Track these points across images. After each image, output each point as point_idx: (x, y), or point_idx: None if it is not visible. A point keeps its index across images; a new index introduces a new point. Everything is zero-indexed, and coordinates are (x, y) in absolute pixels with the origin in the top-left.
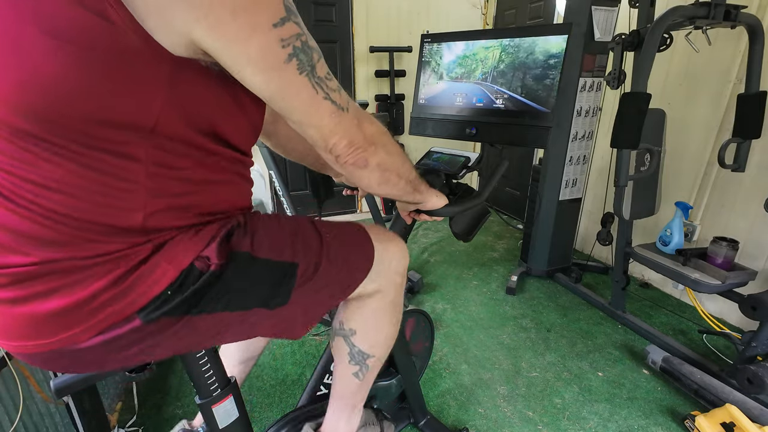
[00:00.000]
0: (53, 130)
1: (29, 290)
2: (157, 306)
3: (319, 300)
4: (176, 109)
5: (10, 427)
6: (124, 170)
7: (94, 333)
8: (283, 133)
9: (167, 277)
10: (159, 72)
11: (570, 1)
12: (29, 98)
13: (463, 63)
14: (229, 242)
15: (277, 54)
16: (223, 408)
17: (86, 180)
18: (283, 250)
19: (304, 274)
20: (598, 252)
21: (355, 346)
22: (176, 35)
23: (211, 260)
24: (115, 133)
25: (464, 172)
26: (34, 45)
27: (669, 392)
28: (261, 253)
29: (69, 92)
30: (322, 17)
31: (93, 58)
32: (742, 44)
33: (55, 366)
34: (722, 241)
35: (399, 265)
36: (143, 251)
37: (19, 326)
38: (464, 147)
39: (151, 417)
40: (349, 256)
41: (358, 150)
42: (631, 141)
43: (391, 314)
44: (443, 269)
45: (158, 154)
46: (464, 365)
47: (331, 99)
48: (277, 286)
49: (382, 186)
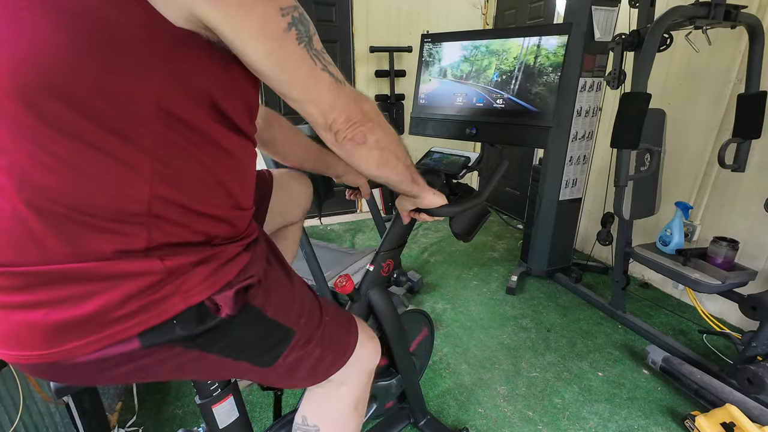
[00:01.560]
0: (57, 105)
1: (40, 296)
2: (160, 333)
3: (299, 374)
4: (177, 83)
5: (10, 427)
6: (130, 153)
7: (93, 349)
8: (279, 137)
9: (176, 309)
10: (158, 45)
11: (570, 1)
12: (29, 72)
13: (464, 63)
14: (246, 294)
15: (278, 23)
16: (223, 408)
17: (92, 160)
18: (288, 314)
19: (296, 344)
20: (598, 252)
21: None
22: (178, 6)
23: (223, 308)
24: (121, 109)
25: (464, 172)
26: (37, 19)
27: (669, 392)
28: (269, 312)
29: (69, 65)
30: (322, 17)
31: (93, 30)
32: (742, 44)
33: (46, 376)
34: (722, 241)
35: (370, 364)
36: (156, 273)
37: (18, 333)
38: (464, 147)
39: (151, 417)
40: (336, 341)
41: (356, 125)
42: (631, 141)
43: (355, 413)
44: (443, 269)
45: (164, 134)
46: (464, 365)
47: (329, 71)
48: (270, 347)
49: (381, 167)
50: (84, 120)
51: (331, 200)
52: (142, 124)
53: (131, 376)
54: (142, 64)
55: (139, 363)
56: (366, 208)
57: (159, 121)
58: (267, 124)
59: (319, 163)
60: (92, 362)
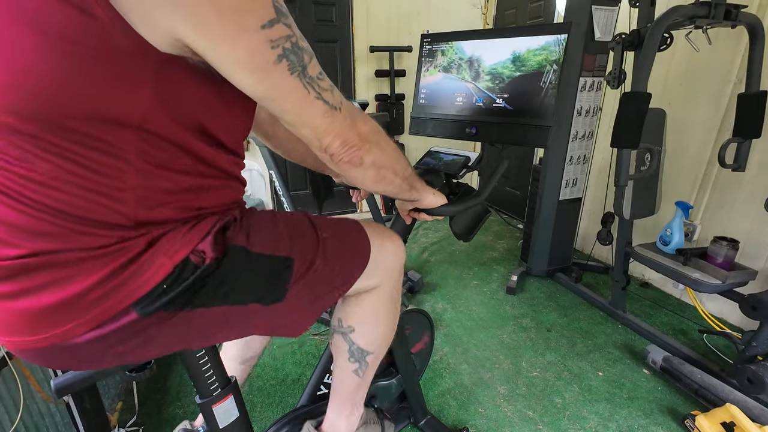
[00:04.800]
0: (41, 127)
1: (23, 284)
2: (153, 299)
3: (315, 297)
4: (163, 106)
5: (10, 426)
6: (114, 168)
7: (89, 327)
8: (282, 134)
9: (163, 271)
10: (145, 69)
11: (570, 1)
12: (15, 96)
13: (464, 62)
14: (225, 236)
15: (266, 55)
16: (223, 408)
17: (76, 176)
18: (278, 245)
19: (299, 270)
20: (598, 252)
21: (354, 343)
22: (161, 33)
23: (207, 254)
24: (103, 130)
25: (464, 171)
26: (19, 42)
27: (669, 392)
28: (257, 247)
29: (54, 89)
30: (322, 17)
31: (78, 54)
32: (743, 44)
33: (53, 363)
34: (722, 240)
35: (395, 262)
36: (138, 245)
37: (14, 321)
38: (464, 147)
39: (151, 417)
40: (344, 253)
41: (352, 149)
42: (631, 141)
43: (388, 311)
44: (443, 269)
45: (147, 152)
46: (464, 365)
47: (323, 99)
48: (273, 281)
49: (378, 183)
50: (68, 141)
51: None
52: (126, 143)
53: (141, 351)
54: (129, 89)
55: (145, 335)
56: (366, 208)
57: (142, 141)
58: (272, 119)
59: (319, 161)
60: (92, 341)
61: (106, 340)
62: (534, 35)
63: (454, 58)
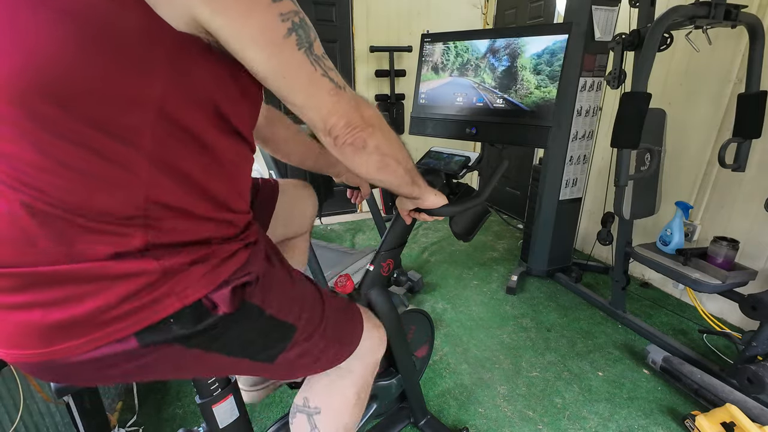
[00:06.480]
0: (56, 111)
1: (35, 297)
2: (157, 331)
3: (300, 366)
4: (179, 87)
5: (10, 426)
6: (128, 157)
7: (89, 348)
8: (280, 135)
9: (172, 307)
10: (160, 49)
11: (570, 1)
12: (29, 77)
13: (463, 62)
14: (244, 291)
15: (277, 28)
16: (223, 408)
17: (91, 164)
18: (289, 311)
19: (298, 340)
20: (598, 252)
21: (316, 428)
22: (178, 11)
23: (220, 306)
24: (121, 114)
25: (464, 172)
26: (33, 21)
27: (669, 392)
28: (271, 309)
29: (69, 69)
30: (322, 17)
31: (93, 33)
32: (743, 44)
33: (45, 375)
34: (722, 240)
35: (376, 354)
36: (152, 274)
37: (15, 333)
38: (464, 147)
39: (151, 417)
40: (340, 334)
41: (356, 130)
42: (631, 141)
43: (357, 401)
44: (443, 269)
45: (163, 139)
46: (464, 365)
47: (330, 77)
48: (272, 344)
49: (381, 171)
50: (83, 125)
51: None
52: (141, 128)
53: (133, 375)
54: (144, 68)
55: (139, 362)
56: (366, 208)
57: (159, 125)
58: (269, 122)
59: (319, 162)
60: (88, 362)
61: (102, 362)
62: (534, 35)
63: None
